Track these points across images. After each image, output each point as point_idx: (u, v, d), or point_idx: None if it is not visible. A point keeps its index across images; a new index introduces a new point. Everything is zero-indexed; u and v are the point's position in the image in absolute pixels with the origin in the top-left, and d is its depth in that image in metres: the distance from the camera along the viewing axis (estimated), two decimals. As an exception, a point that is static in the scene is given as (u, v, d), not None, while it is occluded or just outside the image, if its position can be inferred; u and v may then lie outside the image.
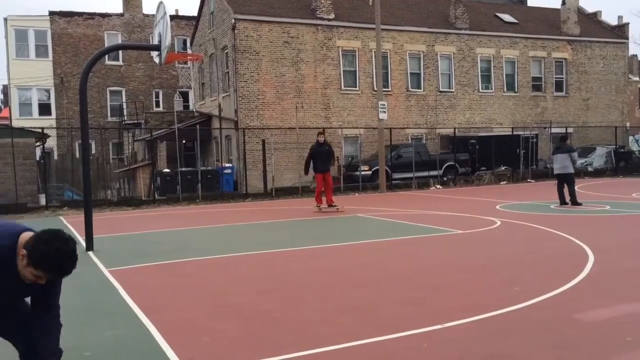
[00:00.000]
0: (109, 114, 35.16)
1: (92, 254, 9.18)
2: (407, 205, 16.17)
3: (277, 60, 23.81)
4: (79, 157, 25.61)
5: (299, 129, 22.79)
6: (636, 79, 43.55)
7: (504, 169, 25.35)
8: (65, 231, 3.07)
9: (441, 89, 27.45)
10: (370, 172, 22.81)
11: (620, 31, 33.12)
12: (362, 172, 22.51)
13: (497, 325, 4.88)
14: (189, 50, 32.12)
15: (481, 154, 25.26)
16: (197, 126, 23.12)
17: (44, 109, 34.26)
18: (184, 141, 24.89)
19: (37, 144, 20.73)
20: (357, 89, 25.53)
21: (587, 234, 9.58)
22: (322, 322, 5.18)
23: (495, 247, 8.90)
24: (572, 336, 4.57)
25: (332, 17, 25.06)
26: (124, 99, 35.47)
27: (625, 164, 28.49)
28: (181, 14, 38.84)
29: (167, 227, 12.64)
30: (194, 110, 30.77)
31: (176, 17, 36.64)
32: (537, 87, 29.99)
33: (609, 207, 13.82)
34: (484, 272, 7.07)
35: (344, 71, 25.27)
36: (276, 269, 7.74)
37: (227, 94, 24.67)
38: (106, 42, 34.66)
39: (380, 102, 21.44)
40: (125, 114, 33.98)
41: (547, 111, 29.99)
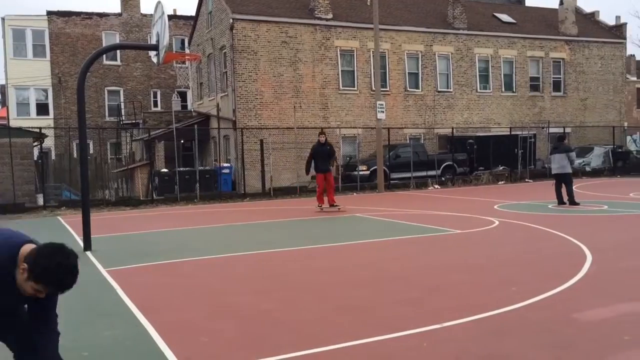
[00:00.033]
0: (107, 114, 35.12)
1: (90, 254, 9.17)
2: (405, 205, 16.17)
3: (275, 60, 23.81)
4: (76, 157, 25.59)
5: (297, 128, 22.78)
6: (634, 79, 43.62)
7: (502, 168, 25.36)
8: (67, 245, 3.02)
9: (439, 89, 27.47)
10: (368, 172, 22.82)
11: (618, 31, 33.17)
12: (360, 172, 22.52)
13: (495, 325, 4.88)
14: (187, 50, 32.09)
15: (479, 153, 25.28)
16: (195, 126, 23.12)
17: (42, 109, 34.22)
18: (182, 141, 24.85)
19: (35, 143, 20.71)
20: (355, 88, 25.54)
21: (585, 234, 9.60)
22: (321, 322, 5.18)
23: (493, 247, 8.91)
24: (570, 336, 4.57)
25: (330, 17, 25.07)
26: (122, 99, 35.44)
27: (623, 163, 28.54)
28: (179, 13, 38.85)
29: (165, 227, 12.63)
30: (192, 110, 30.75)
31: (174, 17, 36.62)
32: (535, 87, 30.03)
33: (606, 206, 13.84)
34: (482, 272, 7.08)
35: (342, 71, 25.27)
36: (274, 269, 7.73)
37: (225, 93, 24.66)
38: (104, 41, 34.61)
39: (378, 102, 21.44)
40: (123, 113, 33.94)
41: (545, 111, 30.02)
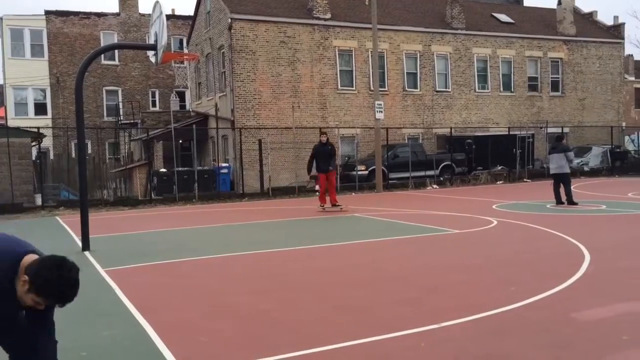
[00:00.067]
0: (105, 114, 35.09)
1: (89, 254, 9.16)
2: (404, 205, 16.18)
3: (274, 59, 23.80)
4: (75, 156, 25.57)
5: (295, 128, 22.78)
6: (632, 78, 43.70)
7: (500, 168, 25.38)
8: (69, 258, 3.00)
9: (438, 89, 27.49)
10: (367, 172, 22.82)
11: (616, 31, 33.21)
12: (359, 172, 22.53)
13: (494, 324, 4.88)
14: (185, 49, 32.09)
15: (477, 153, 25.29)
16: (194, 126, 23.08)
17: (40, 109, 34.18)
18: (180, 141, 24.82)
19: (33, 143, 20.68)
20: (354, 88, 25.54)
21: (583, 234, 9.60)
22: (319, 322, 5.18)
23: (491, 247, 8.91)
24: (569, 335, 4.57)
25: (328, 16, 25.07)
26: (120, 99, 35.39)
27: (621, 163, 28.58)
28: (177, 13, 38.84)
29: (163, 227, 12.62)
30: (191, 110, 30.72)
31: (172, 17, 36.61)
32: (533, 87, 30.06)
33: (605, 206, 13.85)
34: (481, 272, 7.08)
35: (340, 71, 25.27)
36: (273, 269, 7.73)
37: (224, 93, 24.65)
38: (102, 41, 34.57)
39: (376, 102, 21.45)
40: (121, 113, 33.90)
41: (543, 111, 30.05)
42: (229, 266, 8.08)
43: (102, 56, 32.49)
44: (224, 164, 23.24)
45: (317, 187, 20.75)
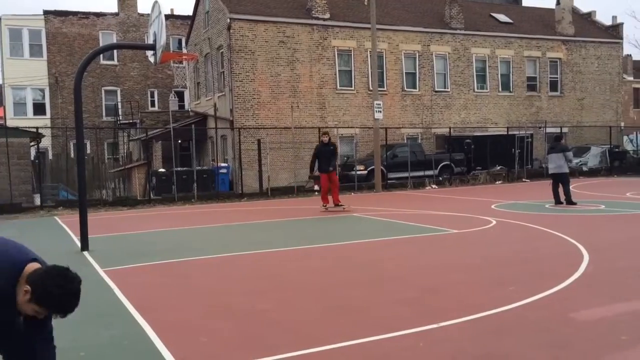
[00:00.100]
0: (104, 114, 35.06)
1: (87, 254, 9.15)
2: (403, 204, 16.18)
3: (273, 59, 23.80)
4: (73, 156, 25.55)
5: (294, 128, 22.77)
6: (630, 78, 43.75)
7: (499, 168, 25.39)
8: (71, 269, 2.99)
9: (436, 89, 27.49)
10: (365, 172, 22.83)
11: (614, 31, 33.23)
12: (358, 172, 22.53)
13: (492, 324, 4.88)
14: (184, 49, 32.10)
15: (476, 153, 25.30)
16: (193, 126, 23.07)
17: (39, 109, 34.14)
18: (179, 141, 24.83)
19: (32, 143, 20.66)
20: (353, 88, 25.54)
21: (582, 234, 9.61)
22: (317, 322, 5.18)
23: (490, 247, 8.92)
24: (567, 335, 4.57)
25: (327, 16, 25.07)
26: (119, 99, 35.37)
27: (619, 163, 28.61)
28: (176, 13, 38.79)
29: (162, 227, 12.61)
30: (190, 109, 30.71)
31: (171, 17, 36.59)
32: (531, 87, 30.07)
33: (603, 206, 13.86)
34: (479, 272, 7.08)
35: (339, 71, 25.27)
36: (271, 269, 7.73)
37: (223, 93, 24.64)
38: (101, 41, 34.54)
39: (375, 102, 21.45)
40: (120, 113, 33.88)
41: (542, 111, 30.07)
42: (227, 266, 8.07)
43: (101, 56, 32.46)
44: (223, 164, 23.23)
45: (315, 187, 20.82)
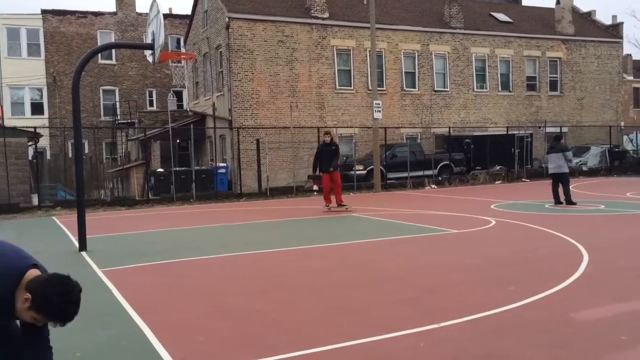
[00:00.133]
0: (102, 113, 35.01)
1: (86, 254, 9.12)
2: (402, 204, 16.16)
3: (272, 59, 23.77)
4: (71, 156, 25.48)
5: (293, 128, 22.74)
6: (630, 78, 43.76)
7: (498, 168, 25.39)
8: (72, 277, 2.97)
9: (436, 89, 27.48)
10: (365, 172, 22.81)
11: (614, 30, 33.24)
12: (357, 172, 22.51)
13: (492, 324, 4.87)
14: (182, 49, 32.01)
15: (476, 153, 25.30)
16: (191, 125, 23.01)
17: (37, 108, 34.08)
18: (177, 141, 24.79)
19: (30, 143, 20.61)
20: (352, 88, 25.52)
21: (581, 233, 9.60)
22: (317, 322, 5.15)
23: (490, 247, 8.90)
24: (567, 335, 4.56)
25: (326, 16, 25.04)
26: (117, 98, 35.31)
27: (619, 163, 28.62)
28: (175, 12, 38.77)
29: (161, 227, 12.59)
30: (188, 109, 30.68)
31: (170, 16, 36.54)
32: (531, 87, 30.07)
33: (603, 206, 13.86)
34: (479, 272, 7.06)
35: (338, 70, 25.25)
36: (270, 269, 7.71)
37: (221, 93, 24.61)
38: (99, 40, 34.49)
39: (375, 102, 21.43)
40: (118, 113, 33.83)
41: (542, 110, 30.07)
42: (227, 266, 8.05)
43: (99, 55, 32.44)
44: (222, 164, 23.20)
45: (315, 187, 20.80)
